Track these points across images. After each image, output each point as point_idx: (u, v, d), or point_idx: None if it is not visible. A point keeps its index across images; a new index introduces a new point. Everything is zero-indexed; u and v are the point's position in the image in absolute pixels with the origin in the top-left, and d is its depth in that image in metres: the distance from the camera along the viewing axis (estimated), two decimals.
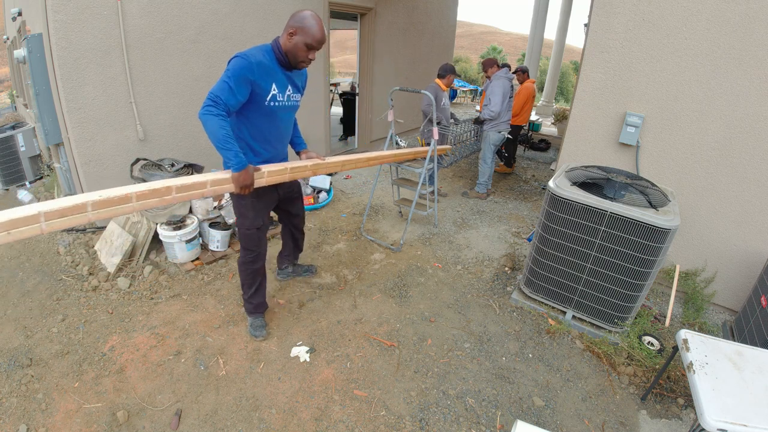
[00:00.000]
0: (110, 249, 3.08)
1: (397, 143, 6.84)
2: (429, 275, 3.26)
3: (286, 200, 2.54)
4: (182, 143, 3.87)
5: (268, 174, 2.10)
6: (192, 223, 3.18)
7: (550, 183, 2.52)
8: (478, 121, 4.91)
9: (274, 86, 2.02)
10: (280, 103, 2.11)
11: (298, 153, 2.50)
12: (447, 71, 4.60)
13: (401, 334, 2.59)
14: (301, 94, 2.28)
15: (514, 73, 6.19)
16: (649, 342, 2.52)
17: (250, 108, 2.02)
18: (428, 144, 4.61)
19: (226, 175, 1.94)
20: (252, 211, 2.26)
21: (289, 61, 2.02)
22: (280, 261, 3.02)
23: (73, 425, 1.90)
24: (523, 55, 13.37)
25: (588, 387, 2.27)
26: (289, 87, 2.13)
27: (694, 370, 1.64)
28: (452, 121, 5.28)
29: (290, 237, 2.86)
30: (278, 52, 2.00)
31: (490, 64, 4.89)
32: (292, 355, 2.37)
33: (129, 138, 3.47)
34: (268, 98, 2.02)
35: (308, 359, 2.34)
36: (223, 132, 1.83)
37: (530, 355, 2.47)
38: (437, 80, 4.60)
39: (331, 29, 5.51)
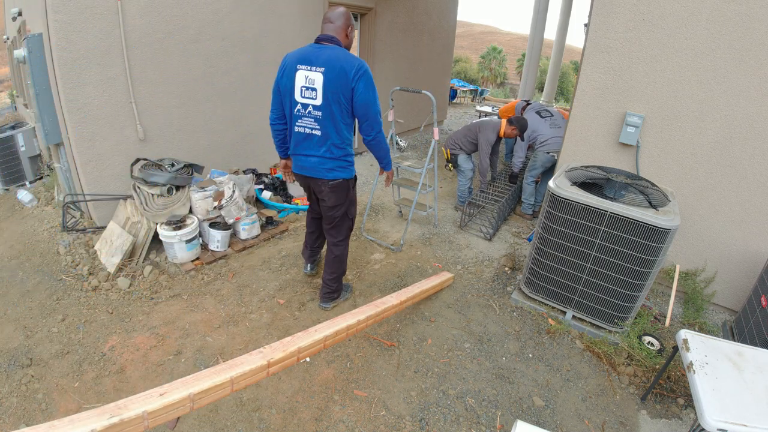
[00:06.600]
0: (110, 249, 3.08)
1: (397, 143, 6.86)
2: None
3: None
4: (182, 143, 3.87)
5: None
6: (192, 223, 3.18)
7: (551, 183, 2.52)
8: (513, 178, 4.59)
9: None
10: None
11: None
12: (518, 126, 4.21)
13: (401, 334, 2.59)
14: None
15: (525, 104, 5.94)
16: (649, 342, 2.52)
17: None
18: (453, 153, 4.47)
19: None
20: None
21: None
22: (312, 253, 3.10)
23: None
24: (523, 55, 13.37)
25: (588, 387, 2.27)
26: None
27: (694, 370, 1.64)
28: (489, 177, 4.62)
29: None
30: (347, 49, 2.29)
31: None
32: None
33: (129, 138, 3.47)
34: None
35: (308, 359, 2.34)
36: (387, 145, 2.46)
37: (530, 355, 2.47)
38: (504, 121, 4.29)
39: None
